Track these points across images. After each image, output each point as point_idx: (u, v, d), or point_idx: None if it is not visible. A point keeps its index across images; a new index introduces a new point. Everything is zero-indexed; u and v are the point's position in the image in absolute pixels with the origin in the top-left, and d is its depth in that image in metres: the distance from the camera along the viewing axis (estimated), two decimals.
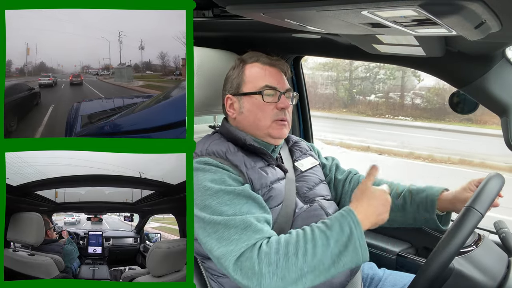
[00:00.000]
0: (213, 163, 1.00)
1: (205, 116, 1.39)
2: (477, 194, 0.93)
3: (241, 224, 0.90)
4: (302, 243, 0.86)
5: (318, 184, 1.18)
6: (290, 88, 1.15)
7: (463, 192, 1.09)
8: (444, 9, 0.59)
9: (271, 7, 0.76)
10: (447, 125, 10.50)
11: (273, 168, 1.09)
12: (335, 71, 15.08)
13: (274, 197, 1.03)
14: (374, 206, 0.93)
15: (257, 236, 0.88)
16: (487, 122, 10.55)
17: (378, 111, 13.69)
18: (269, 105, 1.10)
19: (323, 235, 0.87)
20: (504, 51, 1.07)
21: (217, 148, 1.05)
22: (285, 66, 1.17)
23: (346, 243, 0.86)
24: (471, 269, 0.98)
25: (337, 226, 0.88)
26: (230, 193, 0.95)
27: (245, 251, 0.86)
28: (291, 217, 1.04)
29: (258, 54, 1.18)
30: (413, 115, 12.66)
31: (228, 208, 0.93)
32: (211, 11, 1.27)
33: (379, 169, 0.99)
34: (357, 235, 0.87)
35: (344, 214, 0.91)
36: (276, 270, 0.84)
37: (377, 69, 14.20)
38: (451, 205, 1.11)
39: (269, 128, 1.10)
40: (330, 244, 0.86)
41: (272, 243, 0.87)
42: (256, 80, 1.12)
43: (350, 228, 0.87)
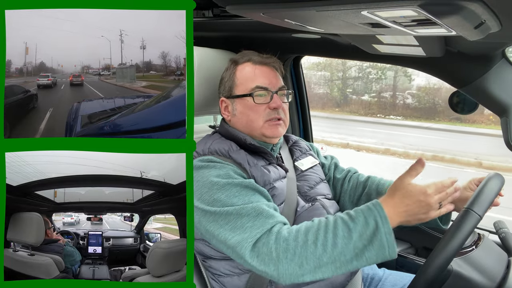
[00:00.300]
0: (216, 160, 1.00)
1: (206, 116, 1.40)
2: (476, 196, 0.93)
3: (252, 212, 0.89)
4: (322, 232, 0.85)
5: (318, 183, 1.18)
6: (283, 86, 1.14)
7: (463, 191, 1.09)
8: (444, 9, 0.59)
9: (271, 7, 0.76)
10: (435, 124, 10.81)
11: (274, 167, 1.09)
12: (328, 70, 15.32)
13: (276, 196, 1.04)
14: (407, 205, 0.86)
15: (270, 221, 0.88)
16: (476, 121, 10.90)
17: (370, 110, 13.92)
18: (261, 106, 1.09)
19: (345, 226, 0.84)
20: (504, 51, 1.07)
21: (219, 146, 1.05)
22: (277, 63, 1.16)
23: (371, 238, 0.82)
24: (470, 270, 0.98)
25: (361, 219, 0.84)
26: (238, 185, 0.95)
27: (261, 236, 0.86)
28: (293, 216, 1.04)
29: (250, 53, 1.17)
30: (404, 114, 12.93)
31: (237, 199, 0.92)
32: (211, 11, 1.27)
33: (425, 164, 0.90)
34: (384, 230, 0.82)
35: (370, 207, 0.86)
36: (294, 257, 0.83)
37: (370, 69, 14.52)
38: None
39: (262, 128, 1.10)
40: (352, 237, 0.83)
41: (292, 230, 0.86)
42: (247, 81, 1.12)
43: (376, 222, 0.83)
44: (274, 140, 1.14)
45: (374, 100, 14.54)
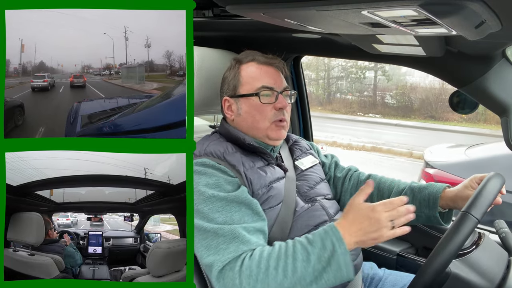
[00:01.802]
0: (209, 164, 1.00)
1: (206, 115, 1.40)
2: (474, 199, 0.93)
3: (229, 234, 0.89)
4: (283, 257, 0.85)
5: (318, 183, 1.18)
6: (287, 87, 1.15)
7: (464, 189, 1.09)
8: (444, 9, 0.59)
9: (271, 7, 0.76)
10: (405, 121, 12.15)
11: (272, 168, 1.09)
12: (313, 70, 15.64)
13: (273, 197, 1.03)
14: (359, 223, 0.86)
15: (244, 247, 0.88)
16: (449, 119, 11.75)
17: (351, 109, 14.58)
18: (266, 106, 1.09)
19: (304, 250, 0.86)
20: (504, 51, 1.07)
21: (215, 148, 1.05)
22: (281, 64, 1.16)
23: (328, 260, 0.84)
24: (469, 272, 0.98)
25: (319, 242, 0.86)
26: (223, 200, 0.94)
27: (230, 261, 0.86)
28: (292, 216, 1.04)
29: (254, 52, 1.17)
30: (382, 113, 13.69)
31: (219, 215, 0.92)
32: (211, 11, 1.27)
33: (373, 186, 0.91)
34: (341, 252, 0.84)
35: (327, 229, 0.88)
36: (256, 284, 0.83)
37: (354, 69, 14.95)
38: (452, 202, 1.11)
39: (268, 129, 1.10)
40: (311, 260, 0.84)
41: (255, 256, 0.86)
42: (253, 81, 1.12)
43: (333, 244, 0.84)
44: (277, 143, 1.14)
45: (355, 99, 15.27)
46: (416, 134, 10.12)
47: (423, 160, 3.21)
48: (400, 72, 15.05)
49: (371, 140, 9.04)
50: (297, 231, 1.03)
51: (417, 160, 6.85)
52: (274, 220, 1.01)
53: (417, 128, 11.12)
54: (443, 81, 1.22)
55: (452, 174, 2.82)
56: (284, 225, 1.02)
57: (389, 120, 12.46)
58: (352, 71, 15.43)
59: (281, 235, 1.01)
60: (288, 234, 1.02)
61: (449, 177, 2.79)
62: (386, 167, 6.92)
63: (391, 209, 0.86)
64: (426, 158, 3.14)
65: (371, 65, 14.27)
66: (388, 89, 14.89)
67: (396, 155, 8.00)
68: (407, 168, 6.72)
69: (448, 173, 2.85)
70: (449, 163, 3.00)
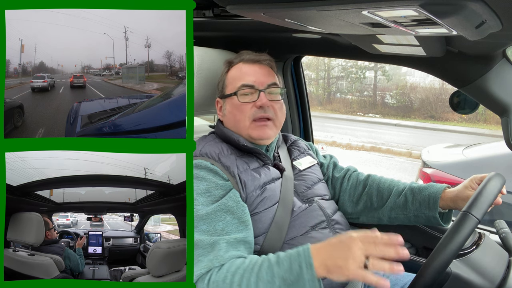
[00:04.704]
0: (203, 165, 1.00)
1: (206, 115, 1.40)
2: (474, 199, 0.93)
3: (208, 247, 0.89)
4: (247, 274, 0.83)
5: (316, 183, 1.18)
6: (274, 83, 1.12)
7: (464, 190, 1.09)
8: (445, 9, 0.59)
9: (272, 7, 0.76)
10: (404, 121, 12.24)
11: (267, 169, 1.09)
12: (313, 70, 15.68)
13: (268, 198, 1.03)
14: (332, 247, 0.80)
15: (218, 261, 0.87)
16: (449, 119, 11.84)
17: (351, 108, 14.64)
18: (246, 105, 1.08)
19: (270, 270, 0.82)
20: (504, 51, 1.07)
21: (211, 149, 1.05)
22: (268, 60, 1.15)
23: (293, 284, 0.79)
24: (469, 272, 0.98)
25: (286, 264, 0.81)
26: (208, 209, 0.94)
27: (202, 275, 0.86)
28: (289, 216, 1.04)
29: (245, 53, 1.17)
30: (382, 113, 13.78)
31: (203, 223, 0.93)
32: (211, 11, 1.27)
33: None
34: (308, 278, 0.78)
35: (300, 252, 0.82)
36: None
37: (354, 69, 14.99)
38: (452, 203, 1.11)
39: (249, 129, 1.08)
40: (275, 282, 0.80)
41: (223, 270, 0.85)
42: (234, 80, 1.12)
43: (301, 268, 0.79)
44: (262, 142, 1.11)
45: (355, 98, 15.29)
46: (416, 134, 10.23)
47: (421, 160, 3.22)
48: (400, 72, 15.11)
49: (370, 140, 9.14)
50: (295, 231, 1.03)
51: (417, 160, 6.94)
52: (271, 221, 1.01)
53: (417, 128, 11.21)
54: (443, 81, 1.22)
55: (449, 174, 2.83)
56: (282, 225, 1.02)
57: (389, 120, 12.57)
58: (352, 71, 15.47)
59: (279, 235, 1.01)
60: (286, 234, 1.02)
61: (446, 177, 2.80)
62: (385, 167, 6.96)
63: (370, 242, 0.75)
64: (424, 158, 3.15)
65: (371, 65, 14.33)
66: (388, 89, 14.94)
67: (395, 155, 8.09)
68: (407, 168, 6.76)
69: (445, 173, 2.85)
70: (446, 163, 3.01)
